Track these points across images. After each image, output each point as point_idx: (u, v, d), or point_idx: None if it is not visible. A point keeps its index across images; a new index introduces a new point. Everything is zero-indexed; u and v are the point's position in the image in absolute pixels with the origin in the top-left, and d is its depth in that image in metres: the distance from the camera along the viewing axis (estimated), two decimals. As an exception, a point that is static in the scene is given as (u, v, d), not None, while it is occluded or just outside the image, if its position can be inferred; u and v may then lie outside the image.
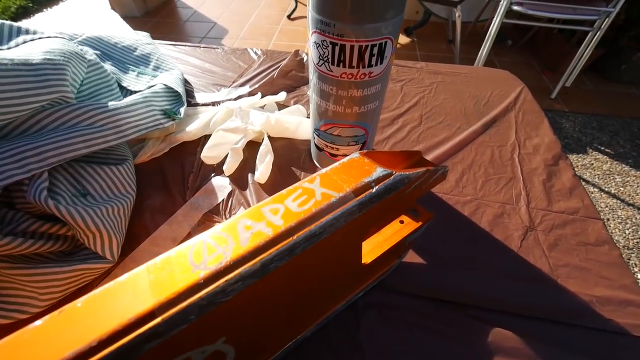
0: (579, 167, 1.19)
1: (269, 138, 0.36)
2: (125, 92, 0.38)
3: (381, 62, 0.23)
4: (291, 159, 0.37)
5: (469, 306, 0.25)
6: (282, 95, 0.43)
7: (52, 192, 0.25)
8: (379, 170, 0.17)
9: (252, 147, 0.37)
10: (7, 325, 0.23)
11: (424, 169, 0.19)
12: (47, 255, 0.25)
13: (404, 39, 1.84)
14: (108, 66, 0.38)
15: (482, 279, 0.27)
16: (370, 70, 0.24)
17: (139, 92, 0.37)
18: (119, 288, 0.12)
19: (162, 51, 0.51)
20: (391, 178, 0.17)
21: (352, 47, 0.22)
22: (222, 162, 0.35)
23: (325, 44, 0.22)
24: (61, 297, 0.25)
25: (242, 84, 0.47)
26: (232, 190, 0.33)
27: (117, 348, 0.11)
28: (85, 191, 0.27)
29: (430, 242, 0.28)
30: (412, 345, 0.23)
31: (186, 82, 0.44)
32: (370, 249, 0.22)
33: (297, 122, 0.38)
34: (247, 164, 0.36)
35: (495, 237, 0.30)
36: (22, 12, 1.95)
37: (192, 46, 0.54)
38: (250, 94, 0.44)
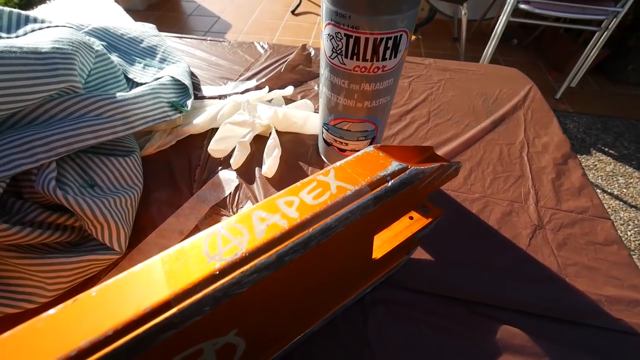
0: (583, 168, 1.19)
1: (277, 132, 0.36)
2: (132, 84, 0.38)
3: (395, 56, 0.23)
4: (299, 153, 0.36)
5: (476, 303, 0.25)
6: (290, 90, 0.43)
7: (60, 183, 0.25)
8: (394, 164, 0.17)
9: (259, 141, 0.36)
10: (15, 315, 0.23)
11: (438, 164, 0.19)
12: (55, 246, 0.25)
13: (409, 36, 1.83)
14: (114, 57, 0.38)
15: (490, 276, 0.27)
16: (384, 64, 0.23)
17: (145, 84, 0.37)
18: (133, 278, 0.12)
19: (168, 43, 0.51)
20: (407, 172, 0.17)
21: (366, 40, 0.21)
22: (230, 156, 0.35)
23: (339, 36, 0.22)
24: (69, 287, 0.24)
25: (249, 78, 0.46)
26: (239, 184, 0.33)
27: (132, 338, 0.11)
28: (93, 182, 0.27)
29: (438, 239, 0.28)
30: (419, 341, 0.23)
31: (192, 75, 0.43)
32: (380, 244, 0.22)
33: (305, 116, 0.38)
34: (255, 158, 0.36)
35: (504, 235, 0.30)
36: (26, 3, 1.94)
37: (198, 39, 0.54)
38: (257, 87, 0.44)
